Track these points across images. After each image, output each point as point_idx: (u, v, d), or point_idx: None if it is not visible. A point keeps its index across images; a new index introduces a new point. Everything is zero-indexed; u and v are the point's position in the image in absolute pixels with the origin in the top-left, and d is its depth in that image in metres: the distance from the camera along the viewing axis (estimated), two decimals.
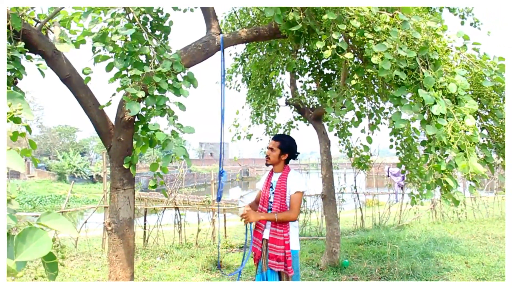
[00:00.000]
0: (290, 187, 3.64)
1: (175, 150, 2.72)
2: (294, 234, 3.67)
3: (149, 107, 3.09)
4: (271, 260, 3.61)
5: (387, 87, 3.45)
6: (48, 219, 1.09)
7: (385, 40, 2.88)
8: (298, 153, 3.93)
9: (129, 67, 3.00)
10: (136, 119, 3.45)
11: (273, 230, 3.63)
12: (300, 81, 7.57)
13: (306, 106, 7.29)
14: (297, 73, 7.28)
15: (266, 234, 3.70)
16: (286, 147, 3.77)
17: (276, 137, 3.88)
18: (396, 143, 5.81)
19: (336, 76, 7.07)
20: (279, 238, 3.59)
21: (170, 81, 2.98)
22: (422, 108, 2.86)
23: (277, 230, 3.60)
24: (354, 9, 2.95)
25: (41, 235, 0.97)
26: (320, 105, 7.15)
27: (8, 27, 2.91)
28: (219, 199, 4.01)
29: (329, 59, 6.61)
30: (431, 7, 5.49)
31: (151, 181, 3.62)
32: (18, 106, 1.11)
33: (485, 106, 3.35)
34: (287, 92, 7.72)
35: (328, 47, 2.96)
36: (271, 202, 3.73)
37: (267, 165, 3.93)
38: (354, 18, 2.92)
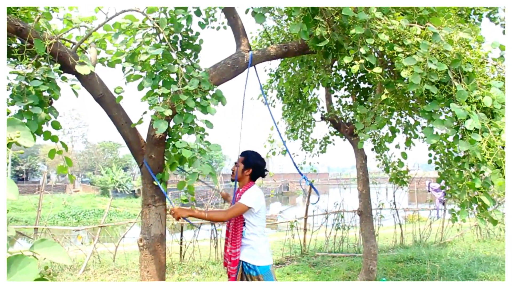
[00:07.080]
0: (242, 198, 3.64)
1: (201, 167, 2.73)
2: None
3: (177, 125, 3.13)
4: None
5: (419, 102, 3.35)
6: (41, 247, 1.08)
7: (415, 53, 2.80)
8: (266, 170, 3.94)
9: (159, 86, 3.06)
10: (168, 137, 3.50)
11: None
12: (335, 96, 7.50)
13: (342, 121, 7.19)
14: (332, 88, 7.21)
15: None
16: (249, 163, 3.79)
17: (242, 153, 3.90)
18: (435, 158, 5.61)
19: (373, 90, 6.94)
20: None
21: (198, 99, 3.01)
22: (455, 123, 2.75)
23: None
24: (383, 23, 2.89)
25: (27, 263, 0.95)
26: (356, 119, 7.03)
27: (46, 50, 3.03)
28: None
29: (365, 73, 6.52)
30: (468, 18, 5.32)
31: (182, 195, 3.67)
32: (16, 133, 1.12)
33: None
34: (322, 107, 7.65)
35: (355, 62, 2.90)
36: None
37: (232, 180, 3.95)
38: (382, 32, 2.85)
